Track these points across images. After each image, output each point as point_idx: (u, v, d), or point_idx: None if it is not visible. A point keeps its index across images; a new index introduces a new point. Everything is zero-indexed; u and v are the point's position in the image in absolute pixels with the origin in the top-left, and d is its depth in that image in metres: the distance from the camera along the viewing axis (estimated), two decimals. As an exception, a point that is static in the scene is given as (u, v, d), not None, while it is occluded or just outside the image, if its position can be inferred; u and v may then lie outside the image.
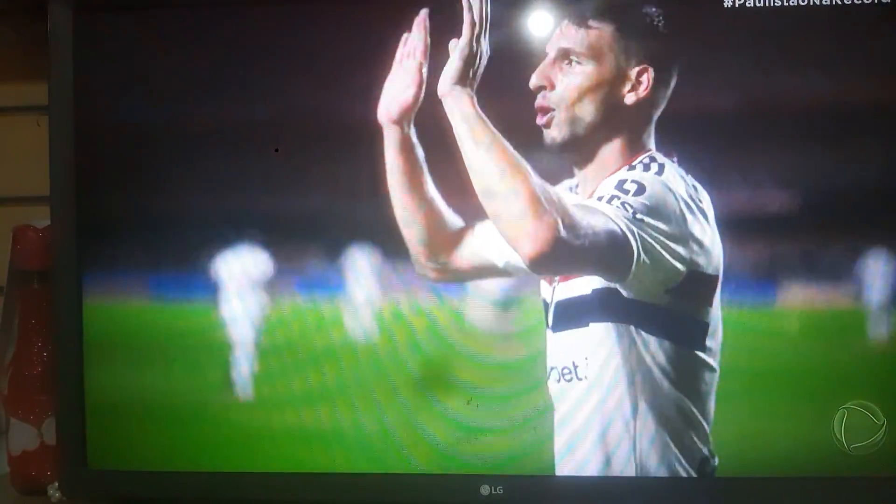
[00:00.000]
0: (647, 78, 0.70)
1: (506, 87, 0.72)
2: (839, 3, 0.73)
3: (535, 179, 0.67)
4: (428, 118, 0.73)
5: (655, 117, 0.72)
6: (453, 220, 0.75)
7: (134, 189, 0.82)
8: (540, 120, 0.72)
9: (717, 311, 0.72)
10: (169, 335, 0.82)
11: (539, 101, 0.72)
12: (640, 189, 0.69)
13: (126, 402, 0.82)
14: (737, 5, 0.74)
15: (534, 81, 0.72)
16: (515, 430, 0.77)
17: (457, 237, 0.75)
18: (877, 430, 0.74)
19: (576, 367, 0.72)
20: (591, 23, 0.71)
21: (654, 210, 0.68)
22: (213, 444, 0.81)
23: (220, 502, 0.82)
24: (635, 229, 0.67)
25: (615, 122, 0.71)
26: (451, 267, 0.76)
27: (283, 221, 0.80)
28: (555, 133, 0.71)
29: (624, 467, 0.73)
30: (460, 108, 0.69)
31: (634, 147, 0.72)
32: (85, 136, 0.81)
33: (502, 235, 0.68)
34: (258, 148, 0.79)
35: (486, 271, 0.75)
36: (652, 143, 0.72)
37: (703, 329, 0.71)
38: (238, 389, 0.80)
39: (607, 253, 0.68)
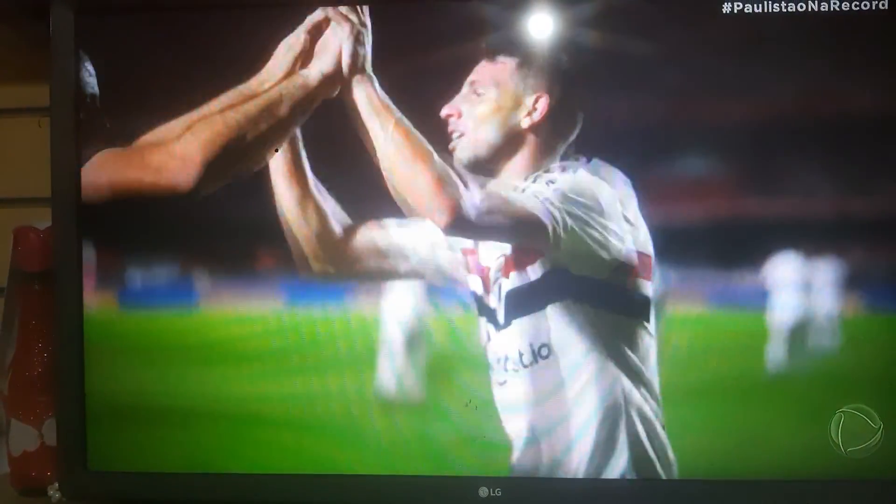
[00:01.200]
0: (543, 104, 0.77)
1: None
2: (837, 9, 0.75)
3: (437, 158, 0.75)
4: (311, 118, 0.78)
5: (561, 148, 0.77)
6: (342, 215, 0.79)
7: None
8: (449, 145, 0.78)
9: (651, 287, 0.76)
10: (167, 337, 0.82)
11: (449, 127, 0.78)
12: (564, 171, 0.76)
13: (126, 404, 0.82)
14: (735, 11, 0.75)
15: (443, 112, 0.78)
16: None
17: (350, 232, 0.79)
18: (873, 434, 0.75)
19: (521, 354, 0.77)
20: (499, 58, 0.77)
21: (580, 191, 0.75)
22: (212, 445, 0.81)
23: None
24: (555, 200, 0.75)
25: (515, 145, 0.78)
26: (347, 262, 0.79)
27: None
28: (461, 155, 0.78)
29: (619, 434, 0.76)
30: (365, 93, 0.76)
31: (538, 168, 0.77)
32: (86, 137, 0.81)
33: (415, 209, 0.76)
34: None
35: (389, 270, 0.79)
36: (556, 169, 0.77)
37: (647, 301, 0.76)
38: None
39: (523, 221, 0.75)
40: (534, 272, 0.76)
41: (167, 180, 0.77)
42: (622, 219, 0.75)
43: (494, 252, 0.77)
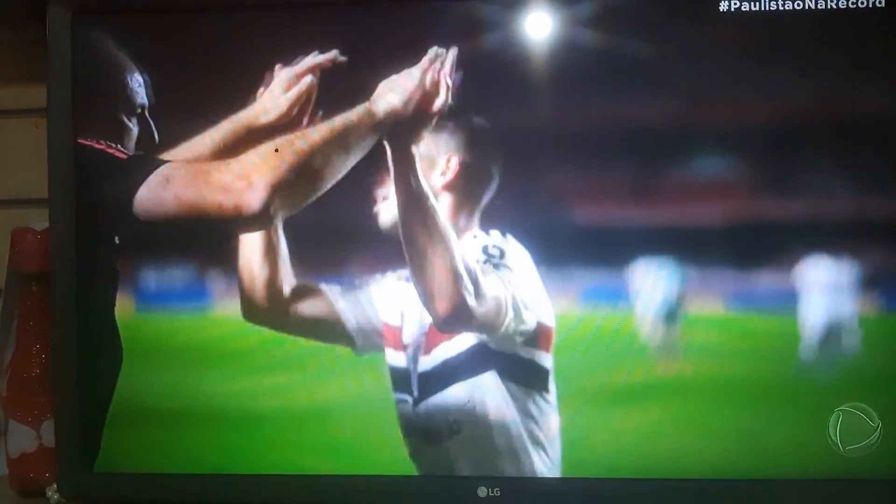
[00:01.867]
0: (455, 163, 0.78)
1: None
2: (835, 7, 0.74)
3: (457, 252, 0.76)
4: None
5: (479, 207, 0.79)
6: (290, 271, 0.80)
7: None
8: (373, 209, 0.79)
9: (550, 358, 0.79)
10: (166, 338, 0.82)
11: (374, 191, 0.79)
12: (502, 253, 0.78)
13: (124, 405, 0.82)
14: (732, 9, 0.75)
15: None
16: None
17: (295, 292, 0.80)
18: (872, 433, 0.75)
19: (439, 426, 0.79)
20: None
21: (514, 271, 0.78)
22: (211, 446, 0.81)
23: (218, 505, 0.83)
24: (509, 289, 0.78)
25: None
26: (288, 311, 0.80)
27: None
28: (385, 218, 0.79)
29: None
30: (408, 164, 0.77)
31: (460, 227, 0.79)
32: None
33: (418, 292, 0.77)
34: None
35: (326, 332, 0.80)
36: (476, 225, 0.79)
37: (546, 373, 0.78)
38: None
39: (494, 313, 0.77)
40: (453, 347, 0.78)
41: (234, 201, 0.76)
42: (534, 293, 0.78)
43: (414, 326, 0.79)
